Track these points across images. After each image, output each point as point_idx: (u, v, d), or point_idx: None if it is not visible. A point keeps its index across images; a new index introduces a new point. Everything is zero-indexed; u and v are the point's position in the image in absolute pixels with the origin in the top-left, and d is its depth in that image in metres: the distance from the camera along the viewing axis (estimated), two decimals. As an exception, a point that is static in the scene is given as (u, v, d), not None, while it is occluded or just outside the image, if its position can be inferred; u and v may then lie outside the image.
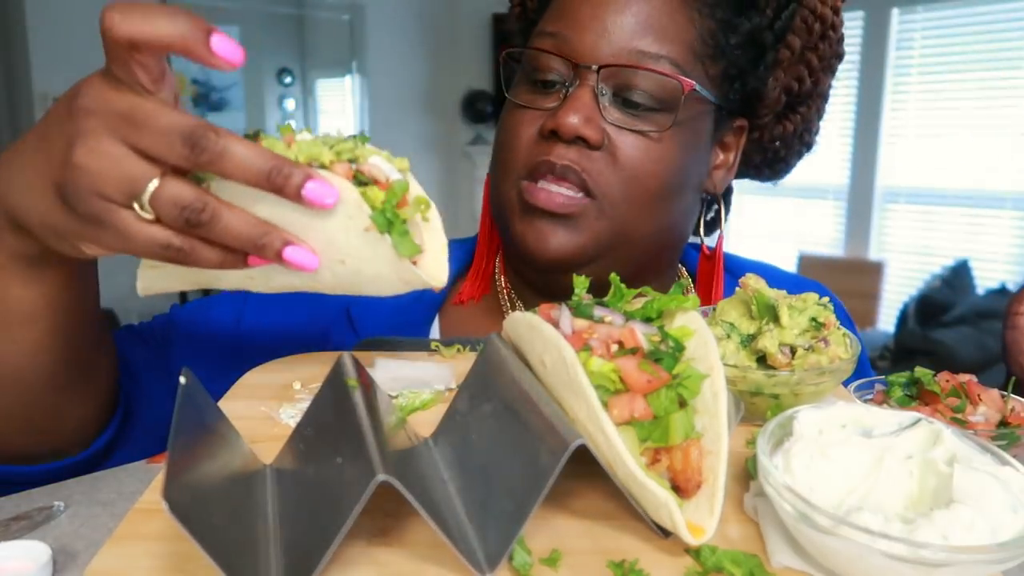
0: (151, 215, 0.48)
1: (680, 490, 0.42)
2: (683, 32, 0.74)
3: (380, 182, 0.55)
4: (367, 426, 0.42)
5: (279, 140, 0.52)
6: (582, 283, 0.53)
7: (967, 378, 0.62)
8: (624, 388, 0.43)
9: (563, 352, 0.43)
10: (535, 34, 0.78)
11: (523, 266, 0.83)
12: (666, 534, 0.42)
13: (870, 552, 0.36)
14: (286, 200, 0.49)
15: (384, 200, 0.53)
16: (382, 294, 0.57)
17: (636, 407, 0.42)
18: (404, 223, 0.54)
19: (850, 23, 4.67)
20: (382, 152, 0.57)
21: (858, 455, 0.42)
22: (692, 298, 0.49)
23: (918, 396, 0.63)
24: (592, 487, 0.47)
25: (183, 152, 0.47)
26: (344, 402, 0.46)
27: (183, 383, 0.46)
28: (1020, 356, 0.73)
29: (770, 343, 0.57)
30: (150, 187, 0.47)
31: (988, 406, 0.59)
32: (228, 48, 0.48)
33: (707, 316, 0.64)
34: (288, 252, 0.51)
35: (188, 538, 0.34)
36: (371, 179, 0.54)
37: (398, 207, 0.54)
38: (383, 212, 0.53)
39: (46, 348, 0.61)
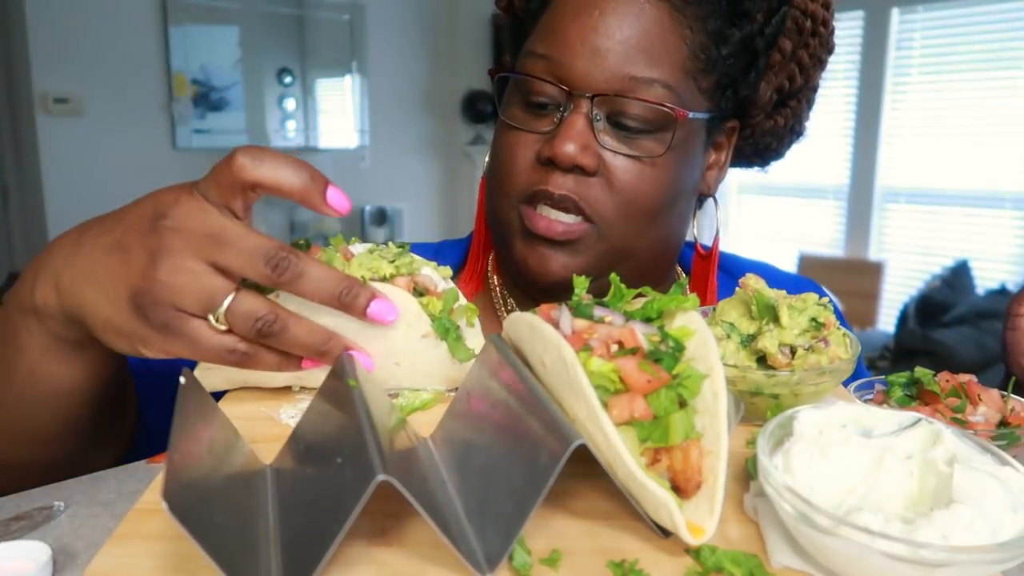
0: (224, 326, 0.53)
1: (680, 490, 0.42)
2: (675, 52, 0.74)
3: (432, 291, 0.61)
4: (367, 426, 0.42)
5: (336, 254, 0.58)
6: (582, 283, 0.53)
7: (967, 378, 0.62)
8: (624, 388, 0.43)
9: (563, 352, 0.43)
10: (525, 54, 0.77)
11: (521, 281, 0.83)
12: (666, 534, 0.42)
13: (870, 552, 0.36)
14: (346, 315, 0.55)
15: (441, 309, 0.60)
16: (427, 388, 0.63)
17: (636, 407, 0.42)
18: (459, 330, 0.61)
19: (850, 23, 4.69)
20: (428, 262, 0.63)
21: (858, 455, 0.42)
22: (692, 298, 0.49)
23: (918, 396, 0.63)
24: (592, 487, 0.47)
25: (265, 272, 0.51)
26: (344, 402, 0.46)
27: (183, 383, 0.46)
28: (1020, 357, 0.73)
29: (770, 343, 0.57)
30: (227, 301, 0.52)
31: (988, 406, 0.59)
32: (340, 200, 0.54)
33: (707, 316, 0.64)
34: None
35: (188, 538, 0.34)
36: (424, 289, 0.61)
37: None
38: (441, 321, 0.60)
39: (83, 417, 0.64)
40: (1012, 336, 0.74)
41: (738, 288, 0.63)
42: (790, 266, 4.85)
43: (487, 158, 0.83)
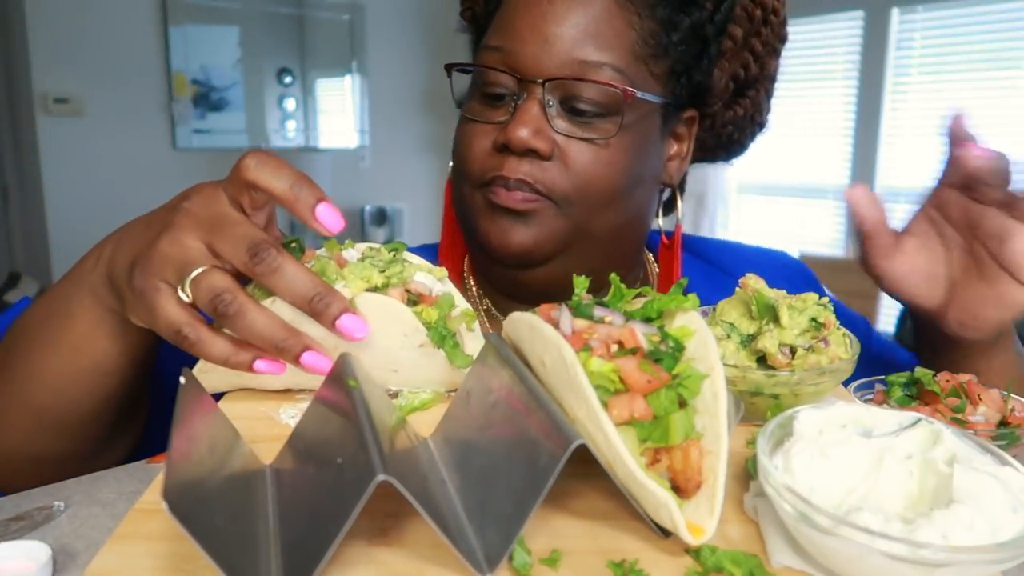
0: (189, 298, 0.54)
1: (680, 490, 0.42)
2: (622, 37, 0.76)
3: (426, 297, 0.61)
4: (367, 426, 0.42)
5: (330, 262, 0.58)
6: (582, 283, 0.53)
7: (967, 378, 0.62)
8: (624, 388, 0.43)
9: (563, 352, 0.43)
10: (481, 48, 0.80)
11: (489, 264, 0.84)
12: (666, 534, 0.42)
13: (870, 552, 0.36)
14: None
15: (436, 318, 0.59)
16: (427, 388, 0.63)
17: (636, 407, 0.42)
18: (455, 336, 0.60)
19: (850, 23, 4.69)
20: (422, 265, 0.63)
21: (858, 455, 0.42)
22: (692, 298, 0.49)
23: (918, 396, 0.63)
24: (592, 487, 0.47)
25: (244, 258, 0.54)
26: (344, 402, 0.46)
27: (183, 383, 0.46)
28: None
29: (770, 343, 0.57)
30: (197, 272, 0.54)
31: (988, 406, 0.60)
32: (330, 218, 0.55)
33: (707, 316, 0.64)
34: (306, 357, 0.55)
35: (188, 538, 0.34)
36: (418, 296, 0.61)
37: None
38: (437, 329, 0.59)
39: (115, 397, 0.67)
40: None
41: (738, 288, 0.63)
42: (790, 266, 4.84)
43: (451, 163, 0.85)
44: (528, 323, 0.49)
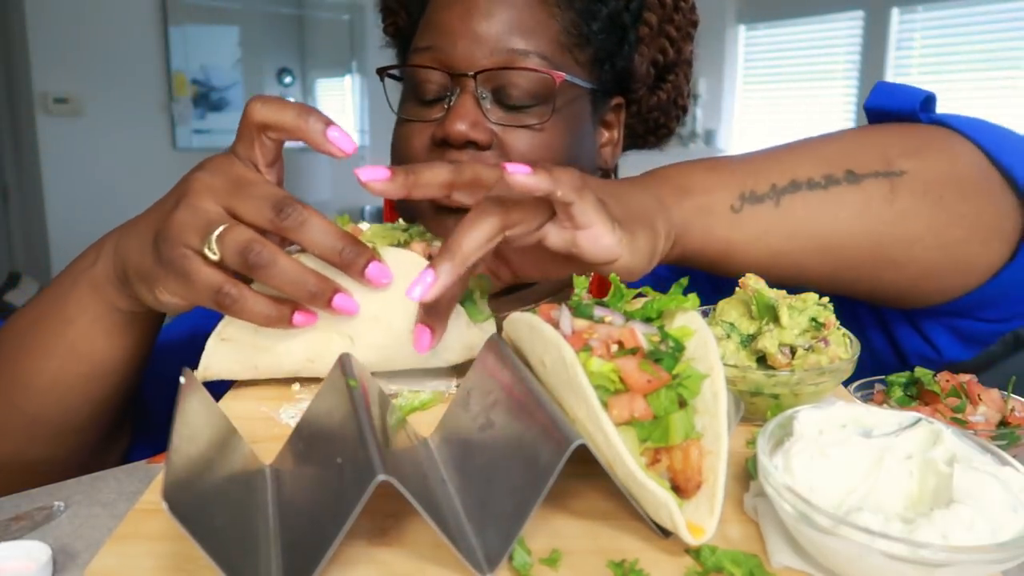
0: (216, 255, 0.54)
1: (680, 490, 0.42)
2: (546, 28, 0.78)
3: None
4: (367, 426, 0.42)
5: (346, 229, 0.59)
6: (582, 283, 0.53)
7: (967, 378, 0.62)
8: (624, 388, 0.43)
9: (563, 352, 0.43)
10: (411, 51, 0.81)
11: None
12: (666, 534, 0.42)
13: (870, 552, 0.36)
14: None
15: None
16: (448, 363, 0.64)
17: (636, 407, 0.42)
18: (474, 294, 0.62)
19: (850, 23, 4.69)
20: (438, 238, 0.65)
21: (858, 455, 0.42)
22: (692, 298, 0.49)
23: (918, 396, 0.63)
24: (592, 487, 0.47)
25: (269, 215, 0.54)
26: (344, 402, 0.46)
27: (183, 383, 0.46)
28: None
29: (770, 343, 0.57)
30: (220, 229, 0.54)
31: (988, 406, 0.60)
32: (343, 140, 0.56)
33: (707, 316, 0.64)
34: (337, 300, 0.56)
35: (188, 538, 0.34)
36: None
37: None
38: None
39: (111, 399, 0.67)
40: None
41: (738, 288, 0.63)
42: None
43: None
44: (528, 323, 0.49)
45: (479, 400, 0.50)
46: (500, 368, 0.50)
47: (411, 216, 0.82)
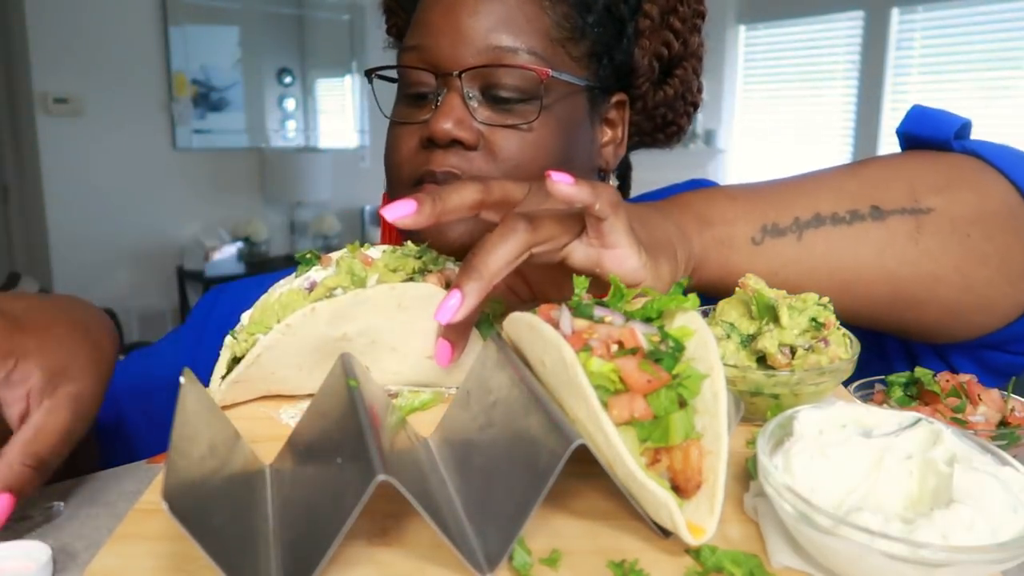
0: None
1: (680, 490, 0.42)
2: (536, 22, 0.76)
3: None
4: (367, 426, 0.42)
5: (355, 260, 0.60)
6: (582, 283, 0.53)
7: (967, 378, 0.62)
8: (624, 388, 0.43)
9: (563, 352, 0.43)
10: (401, 51, 0.81)
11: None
12: (666, 534, 0.42)
13: (870, 552, 0.36)
14: (382, 315, 0.58)
15: None
16: (458, 384, 0.63)
17: (636, 407, 0.42)
18: (488, 316, 0.62)
19: (850, 23, 4.69)
20: (450, 257, 0.65)
21: (858, 455, 0.42)
22: (692, 298, 0.49)
23: (918, 396, 0.63)
24: (592, 487, 0.47)
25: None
26: (344, 402, 0.46)
27: (183, 383, 0.46)
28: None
29: (770, 343, 0.57)
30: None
31: (988, 406, 0.60)
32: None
33: (707, 316, 0.64)
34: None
35: (188, 538, 0.34)
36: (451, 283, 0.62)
37: None
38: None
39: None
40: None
41: (738, 288, 0.63)
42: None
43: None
44: (528, 323, 0.49)
45: (479, 400, 0.50)
46: (500, 368, 0.50)
47: (416, 234, 0.82)
